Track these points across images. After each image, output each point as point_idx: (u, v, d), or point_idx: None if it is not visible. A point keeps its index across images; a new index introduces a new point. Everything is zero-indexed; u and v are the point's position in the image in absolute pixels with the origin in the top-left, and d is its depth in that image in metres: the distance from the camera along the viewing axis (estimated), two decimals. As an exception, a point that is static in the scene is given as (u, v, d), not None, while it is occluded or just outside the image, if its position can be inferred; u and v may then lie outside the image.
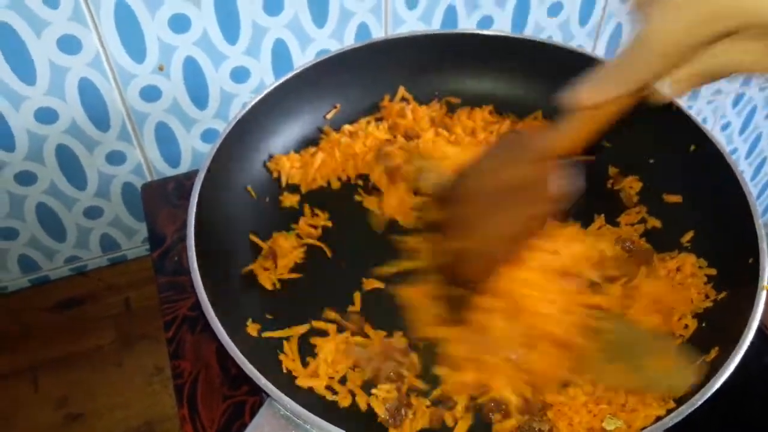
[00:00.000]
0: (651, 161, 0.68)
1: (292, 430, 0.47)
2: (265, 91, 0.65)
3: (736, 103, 1.20)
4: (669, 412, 0.48)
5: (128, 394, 0.81)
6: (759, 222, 0.55)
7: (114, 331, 0.86)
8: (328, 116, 0.72)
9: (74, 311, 0.88)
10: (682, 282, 0.59)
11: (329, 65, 0.69)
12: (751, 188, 1.44)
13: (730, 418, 0.63)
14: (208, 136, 0.86)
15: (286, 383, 0.48)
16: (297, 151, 0.69)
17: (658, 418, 0.48)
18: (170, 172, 0.87)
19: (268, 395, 0.47)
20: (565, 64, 0.72)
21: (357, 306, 0.59)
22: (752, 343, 0.49)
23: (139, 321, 0.86)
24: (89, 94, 0.76)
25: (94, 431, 0.79)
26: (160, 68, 0.77)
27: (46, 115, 0.76)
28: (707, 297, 0.57)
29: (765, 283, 0.52)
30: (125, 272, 0.91)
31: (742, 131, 1.28)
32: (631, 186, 0.68)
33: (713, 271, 0.59)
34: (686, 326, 0.56)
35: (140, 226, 0.91)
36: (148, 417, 0.80)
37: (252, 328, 0.56)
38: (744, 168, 1.38)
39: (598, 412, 0.51)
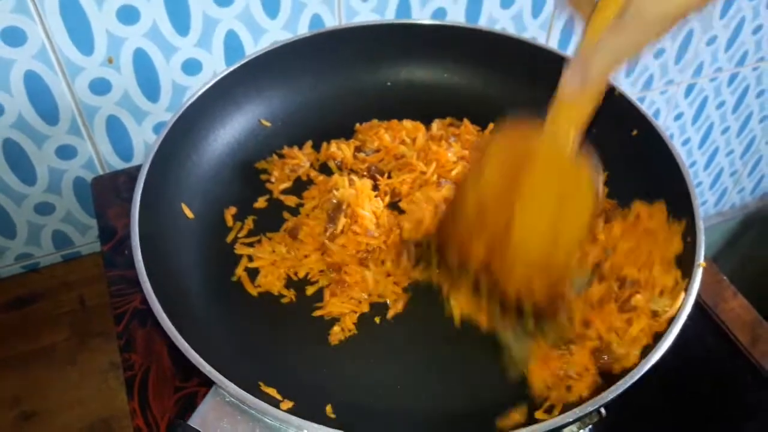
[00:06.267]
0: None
1: (238, 416, 0.47)
2: (214, 80, 0.64)
3: (688, 93, 1.23)
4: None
5: (84, 392, 0.80)
6: (696, 202, 0.57)
7: (68, 329, 0.84)
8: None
9: (27, 309, 0.86)
10: (648, 228, 0.59)
11: (279, 54, 0.69)
12: (704, 177, 1.47)
13: (677, 399, 0.65)
14: (160, 129, 0.84)
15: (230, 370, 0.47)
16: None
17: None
18: (123, 166, 0.85)
19: (213, 382, 0.47)
20: (516, 55, 0.74)
21: None
22: (693, 323, 0.50)
23: (94, 318, 0.85)
24: (36, 88, 0.75)
25: (49, 430, 0.78)
26: (110, 61, 0.76)
27: (-8, 109, 0.75)
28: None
29: (701, 261, 0.53)
30: (79, 269, 0.90)
31: (694, 121, 1.31)
32: None
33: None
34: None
35: (93, 222, 0.89)
36: (105, 414, 0.78)
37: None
38: (697, 158, 1.42)
39: None
